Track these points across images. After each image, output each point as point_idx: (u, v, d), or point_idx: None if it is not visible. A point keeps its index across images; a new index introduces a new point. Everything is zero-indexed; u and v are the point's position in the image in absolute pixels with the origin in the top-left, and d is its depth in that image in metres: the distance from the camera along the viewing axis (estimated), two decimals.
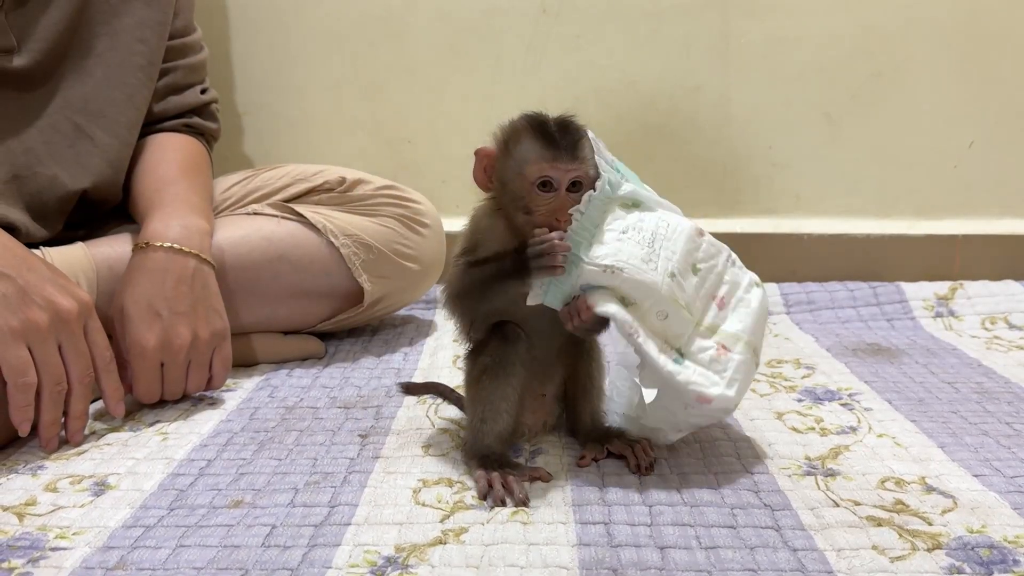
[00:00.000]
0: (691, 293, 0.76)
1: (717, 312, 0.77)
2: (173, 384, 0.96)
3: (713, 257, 0.79)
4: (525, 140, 0.74)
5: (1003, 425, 0.89)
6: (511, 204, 0.75)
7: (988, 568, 0.61)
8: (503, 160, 0.75)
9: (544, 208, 0.74)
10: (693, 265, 0.78)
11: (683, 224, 0.79)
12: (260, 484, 0.76)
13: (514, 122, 0.76)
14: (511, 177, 0.74)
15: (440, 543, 0.66)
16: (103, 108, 1.05)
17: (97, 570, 0.62)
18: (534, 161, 0.73)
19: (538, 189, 0.73)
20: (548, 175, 0.73)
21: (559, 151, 0.73)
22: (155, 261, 0.95)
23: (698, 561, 0.63)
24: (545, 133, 0.73)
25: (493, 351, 0.78)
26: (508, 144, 0.75)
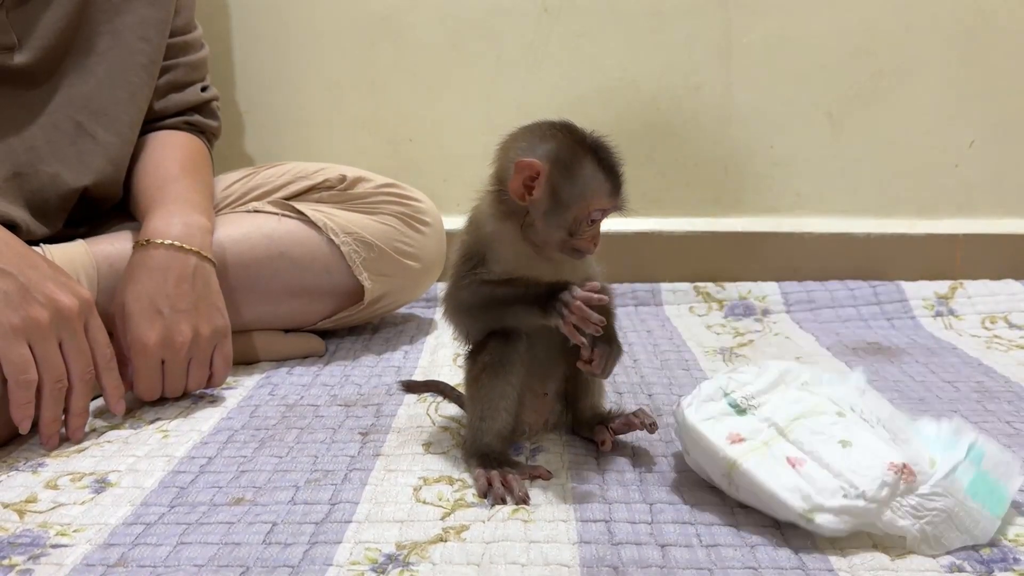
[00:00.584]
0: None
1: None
2: (174, 381, 0.96)
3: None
4: (588, 167, 0.73)
5: (1003, 424, 0.90)
6: (553, 220, 0.74)
7: (988, 567, 0.61)
8: (558, 177, 0.73)
9: (587, 234, 0.75)
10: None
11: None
12: (261, 482, 0.77)
13: (565, 138, 0.74)
14: (568, 200, 0.73)
15: (441, 541, 0.66)
16: (105, 106, 1.05)
17: (98, 567, 0.62)
18: (599, 193, 0.73)
19: (591, 218, 0.74)
20: (607, 209, 0.75)
21: (619, 187, 0.74)
22: (156, 259, 0.95)
23: (699, 559, 0.63)
24: (608, 164, 0.74)
25: (493, 350, 0.78)
26: (567, 164, 0.73)
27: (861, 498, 0.63)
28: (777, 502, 0.65)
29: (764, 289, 1.44)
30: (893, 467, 0.64)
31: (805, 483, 0.65)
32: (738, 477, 0.68)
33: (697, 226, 1.49)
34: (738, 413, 0.73)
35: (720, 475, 0.70)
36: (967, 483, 0.65)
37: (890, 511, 0.63)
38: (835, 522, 0.63)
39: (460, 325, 0.81)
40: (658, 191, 1.51)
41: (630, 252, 1.47)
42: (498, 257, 0.77)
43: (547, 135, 0.75)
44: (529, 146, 0.75)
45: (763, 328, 1.33)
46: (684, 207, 1.52)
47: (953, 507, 0.63)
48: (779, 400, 0.75)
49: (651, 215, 1.50)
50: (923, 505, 0.63)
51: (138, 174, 1.10)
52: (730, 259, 1.48)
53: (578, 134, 0.75)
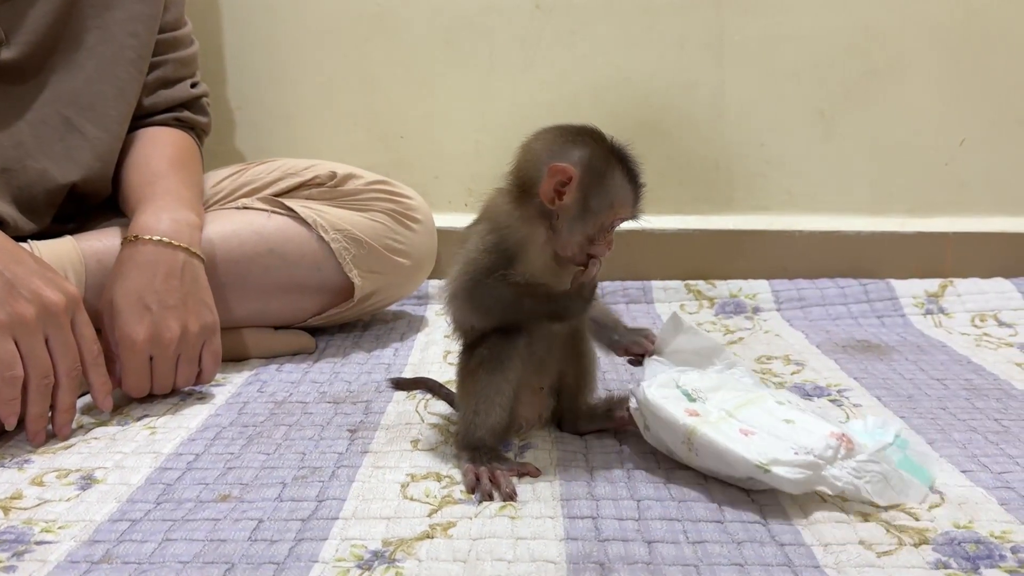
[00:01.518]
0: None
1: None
2: (162, 378, 0.95)
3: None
4: (619, 176, 0.75)
5: (991, 422, 0.90)
6: (579, 224, 0.75)
7: (975, 563, 0.61)
8: (590, 184, 0.74)
9: (606, 241, 0.78)
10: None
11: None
12: (248, 478, 0.76)
13: (597, 146, 0.76)
14: (597, 207, 0.75)
15: (428, 537, 0.65)
16: (93, 102, 1.04)
17: (82, 564, 0.62)
18: (626, 201, 0.76)
19: (612, 225, 0.77)
20: (628, 218, 0.78)
21: (640, 196, 0.77)
22: (145, 254, 0.95)
23: (685, 555, 0.63)
24: (634, 174, 0.76)
25: (492, 345, 0.78)
26: (600, 172, 0.75)
27: (812, 455, 0.69)
28: (735, 456, 0.70)
29: (755, 287, 1.44)
30: (834, 435, 0.72)
31: (759, 445, 0.71)
32: (697, 441, 0.72)
33: (689, 224, 1.49)
34: (689, 400, 0.77)
35: (679, 443, 0.74)
36: (896, 461, 0.73)
37: (835, 469, 0.70)
38: (790, 473, 0.68)
39: (467, 319, 0.81)
40: (650, 188, 1.47)
41: (621, 250, 1.45)
42: (527, 260, 0.77)
43: (578, 140, 0.76)
44: (561, 150, 0.75)
45: (753, 326, 1.33)
46: (676, 205, 1.52)
47: (888, 471, 0.71)
48: (724, 395, 0.79)
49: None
50: (863, 467, 0.70)
51: (127, 170, 1.09)
52: (721, 257, 1.48)
53: (607, 142, 0.77)
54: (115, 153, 1.08)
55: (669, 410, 0.74)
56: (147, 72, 1.11)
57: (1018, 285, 1.39)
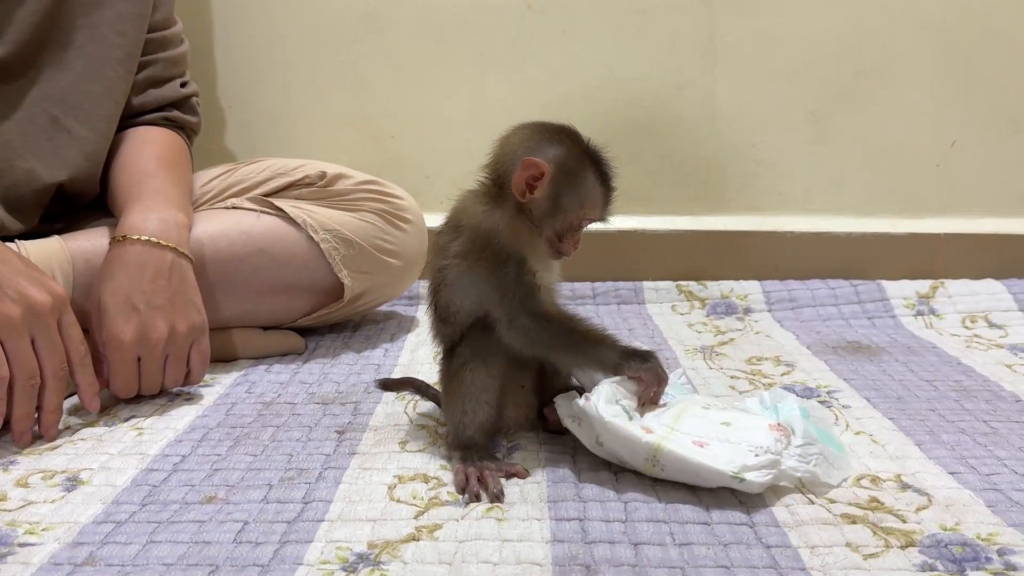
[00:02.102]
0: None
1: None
2: (150, 378, 0.95)
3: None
4: (590, 177, 0.77)
5: (980, 423, 0.90)
6: (548, 221, 0.77)
7: (961, 566, 0.61)
8: (561, 182, 0.76)
9: (572, 240, 0.79)
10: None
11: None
12: (234, 480, 0.76)
13: (572, 145, 0.77)
14: (567, 205, 0.76)
15: (413, 540, 0.65)
16: (81, 101, 1.04)
17: (66, 566, 0.62)
18: (596, 203, 0.78)
19: (580, 224, 0.78)
20: (596, 219, 0.79)
21: (611, 198, 0.78)
22: (132, 254, 0.94)
23: (671, 558, 0.62)
24: (606, 177, 0.78)
25: (472, 343, 0.78)
26: (572, 170, 0.76)
27: (769, 452, 0.71)
28: (707, 470, 0.70)
29: (746, 288, 1.44)
30: (772, 427, 0.75)
31: (722, 453, 0.72)
32: (664, 458, 0.72)
33: (680, 225, 1.49)
34: (628, 418, 0.75)
35: (643, 460, 0.73)
36: (817, 435, 0.76)
37: (789, 460, 0.73)
38: (760, 476, 0.70)
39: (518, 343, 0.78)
40: (641, 189, 1.50)
41: (613, 250, 1.47)
42: (529, 256, 0.77)
43: (554, 138, 0.77)
44: (537, 146, 0.76)
45: (744, 327, 1.33)
46: (667, 205, 1.51)
47: (823, 450, 0.75)
48: (655, 410, 0.79)
49: (634, 213, 1.50)
50: (805, 452, 0.74)
51: (115, 169, 1.09)
52: (712, 258, 1.48)
53: (583, 143, 0.78)
54: (103, 153, 1.08)
55: (629, 431, 0.73)
56: (136, 71, 1.10)
57: (1009, 286, 1.40)
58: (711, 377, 1.06)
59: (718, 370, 1.09)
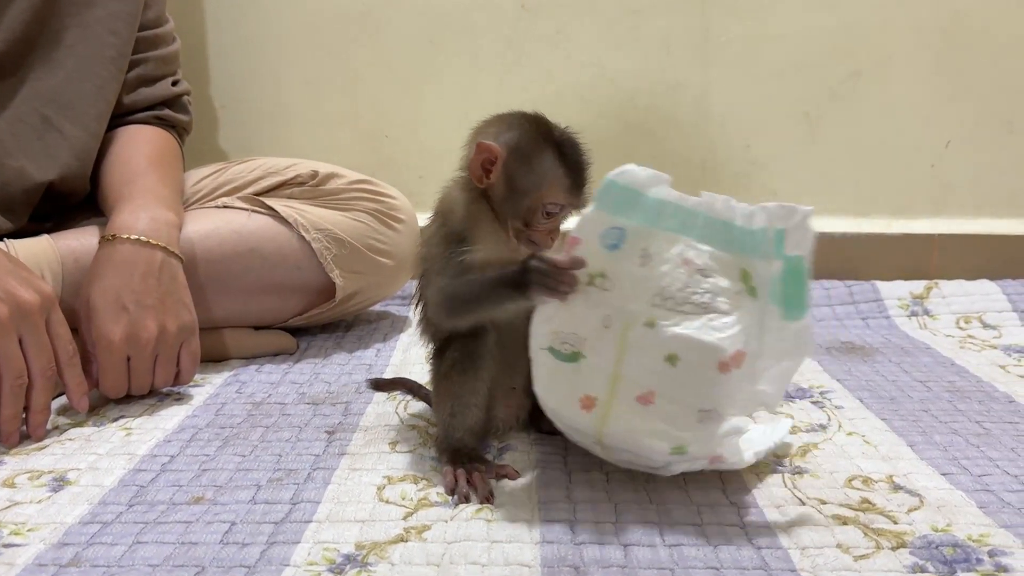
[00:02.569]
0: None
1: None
2: (140, 378, 0.94)
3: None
4: (548, 159, 0.73)
5: (973, 424, 0.89)
6: (508, 207, 0.74)
7: (951, 567, 0.61)
8: (515, 165, 0.74)
9: (543, 227, 0.74)
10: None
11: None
12: (222, 480, 0.75)
13: (530, 128, 0.74)
14: (523, 188, 0.74)
15: (402, 540, 0.65)
16: (72, 100, 1.03)
17: (50, 567, 0.61)
18: (555, 187, 0.73)
19: (546, 210, 0.74)
20: (563, 204, 0.74)
21: (580, 183, 0.74)
22: (122, 253, 0.94)
23: (661, 559, 0.62)
24: (569, 159, 0.73)
25: (461, 346, 0.78)
26: (526, 153, 0.73)
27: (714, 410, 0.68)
28: (645, 454, 0.70)
29: None
30: (726, 362, 0.67)
31: (662, 423, 0.68)
32: (608, 441, 0.71)
33: None
34: (567, 360, 0.70)
35: (593, 443, 0.73)
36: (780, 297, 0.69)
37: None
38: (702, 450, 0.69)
39: (439, 318, 0.79)
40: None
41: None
42: (476, 237, 0.76)
43: (514, 124, 0.75)
44: (496, 131, 0.75)
45: None
46: None
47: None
48: (601, 344, 0.69)
49: None
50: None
51: (106, 168, 1.08)
52: None
53: (544, 126, 0.75)
54: (93, 152, 1.07)
55: (572, 418, 0.71)
56: (127, 70, 1.10)
57: (1003, 287, 1.39)
58: None
59: None
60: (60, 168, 1.03)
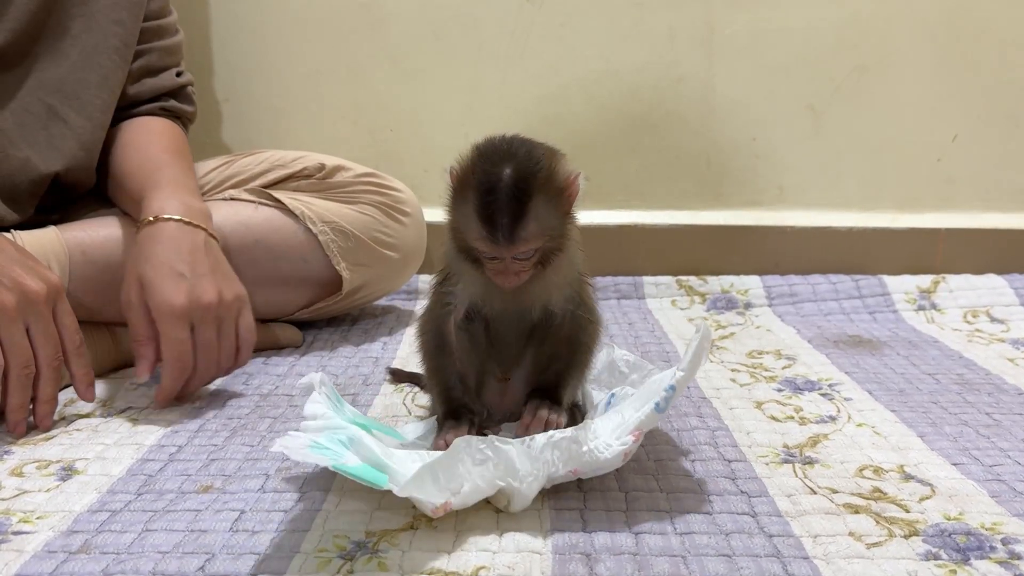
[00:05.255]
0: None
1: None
2: (206, 351, 0.90)
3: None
4: (469, 205, 0.69)
5: (983, 415, 0.89)
6: (458, 242, 0.73)
7: (965, 554, 0.61)
8: (452, 202, 0.72)
9: (491, 266, 0.72)
10: None
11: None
12: (231, 470, 0.75)
13: (470, 165, 0.70)
14: (457, 227, 0.72)
15: (411, 528, 0.64)
16: (77, 90, 1.03)
17: (60, 554, 0.61)
18: (474, 235, 0.70)
19: (482, 254, 0.72)
20: (488, 252, 0.71)
21: (496, 235, 0.68)
22: (167, 231, 0.92)
23: (672, 546, 0.62)
24: (487, 207, 0.67)
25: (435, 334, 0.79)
26: (457, 194, 0.71)
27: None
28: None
29: (746, 283, 1.44)
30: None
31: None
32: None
33: (679, 219, 1.49)
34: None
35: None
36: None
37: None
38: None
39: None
40: (640, 184, 1.50)
41: (612, 245, 1.47)
42: (459, 271, 0.76)
43: (475, 154, 0.71)
44: (466, 156, 0.71)
45: (745, 321, 1.32)
46: (666, 200, 1.51)
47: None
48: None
49: (633, 208, 1.49)
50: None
51: (121, 158, 1.08)
52: (712, 253, 1.48)
53: (488, 171, 0.68)
54: (99, 142, 1.07)
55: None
56: (132, 60, 1.09)
57: (1010, 281, 1.39)
58: (712, 370, 1.06)
59: (719, 363, 1.09)
60: (66, 159, 1.03)
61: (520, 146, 0.70)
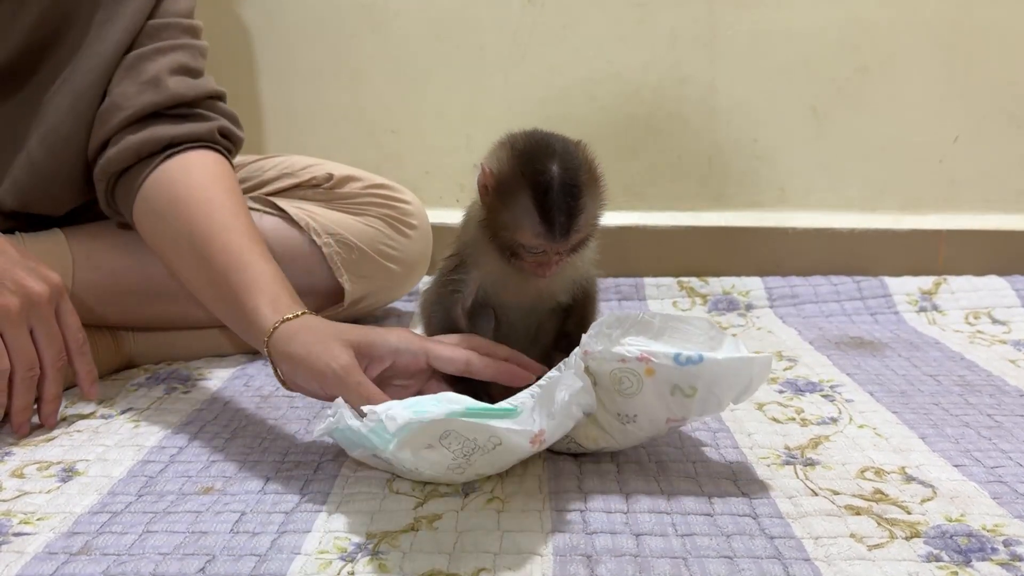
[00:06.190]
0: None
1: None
2: None
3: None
4: (522, 203, 0.70)
5: (984, 417, 0.89)
6: (499, 238, 0.73)
7: (966, 556, 0.61)
8: (497, 198, 0.72)
9: (531, 260, 0.73)
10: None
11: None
12: (231, 471, 0.75)
13: (519, 161, 0.70)
14: (500, 223, 0.72)
15: (412, 530, 0.64)
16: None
17: (60, 555, 0.61)
18: (527, 231, 0.71)
19: (527, 249, 0.72)
20: (540, 247, 0.72)
21: (554, 232, 0.70)
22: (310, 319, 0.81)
23: (673, 548, 0.62)
24: (544, 204, 0.69)
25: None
26: (504, 189, 0.71)
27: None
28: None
29: (748, 284, 1.43)
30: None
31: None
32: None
33: (681, 220, 1.49)
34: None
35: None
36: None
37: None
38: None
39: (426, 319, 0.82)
40: (642, 185, 1.50)
41: (613, 246, 1.45)
42: (478, 262, 0.76)
43: (514, 150, 0.72)
44: (500, 154, 0.73)
45: (746, 323, 1.32)
46: (668, 201, 1.51)
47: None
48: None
49: (635, 209, 1.49)
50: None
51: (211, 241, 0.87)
52: (714, 254, 1.48)
53: (537, 160, 0.70)
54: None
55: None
56: (165, 54, 0.98)
57: (1012, 282, 1.39)
58: None
59: None
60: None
61: (556, 141, 0.72)
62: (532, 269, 0.74)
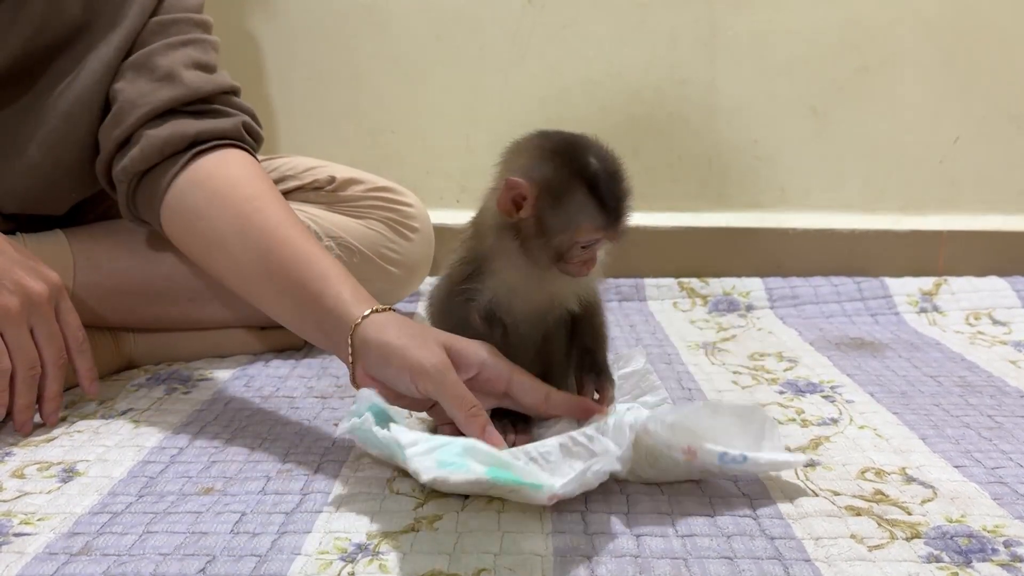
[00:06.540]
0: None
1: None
2: None
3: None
4: (579, 197, 0.70)
5: (985, 418, 0.89)
6: (541, 244, 0.72)
7: (967, 557, 0.61)
8: (546, 203, 0.71)
9: (578, 259, 0.73)
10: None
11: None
12: (232, 472, 0.75)
13: (562, 162, 0.70)
14: (555, 226, 0.71)
15: (413, 530, 0.64)
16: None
17: (61, 555, 0.61)
18: (588, 226, 0.71)
19: (580, 246, 0.72)
20: (598, 240, 0.73)
21: (613, 218, 0.71)
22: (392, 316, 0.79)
23: (674, 548, 0.62)
24: (602, 195, 0.70)
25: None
26: (557, 192, 0.70)
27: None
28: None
29: (748, 285, 1.43)
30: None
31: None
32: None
33: (681, 221, 1.49)
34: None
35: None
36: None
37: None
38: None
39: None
40: (642, 185, 1.47)
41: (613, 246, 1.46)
42: (494, 270, 0.76)
43: (547, 155, 0.72)
44: (527, 164, 0.72)
45: (746, 323, 1.32)
46: (668, 201, 1.51)
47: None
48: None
49: (635, 209, 1.49)
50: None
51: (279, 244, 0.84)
52: (714, 254, 1.48)
53: (578, 157, 0.71)
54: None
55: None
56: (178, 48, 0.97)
57: (1013, 283, 1.39)
58: (713, 373, 1.06)
59: (720, 366, 1.09)
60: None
61: (577, 136, 0.73)
62: (577, 269, 0.74)
